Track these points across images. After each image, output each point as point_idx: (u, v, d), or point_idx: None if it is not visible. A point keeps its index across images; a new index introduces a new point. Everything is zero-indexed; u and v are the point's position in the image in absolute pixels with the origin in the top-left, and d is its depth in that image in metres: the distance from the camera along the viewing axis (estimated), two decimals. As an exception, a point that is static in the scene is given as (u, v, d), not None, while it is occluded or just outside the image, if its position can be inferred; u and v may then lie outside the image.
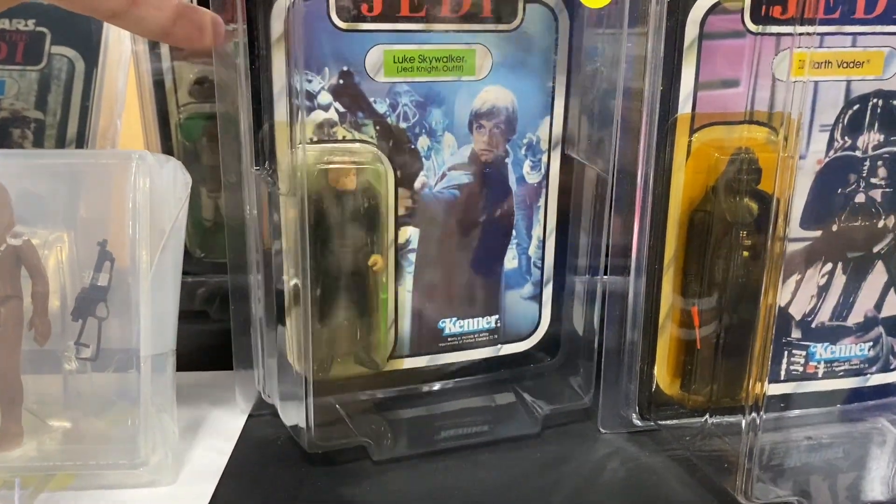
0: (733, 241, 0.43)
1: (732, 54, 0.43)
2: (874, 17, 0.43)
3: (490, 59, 0.44)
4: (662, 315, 0.46)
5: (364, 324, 0.46)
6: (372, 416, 0.48)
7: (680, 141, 0.44)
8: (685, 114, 0.43)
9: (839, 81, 0.44)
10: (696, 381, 0.46)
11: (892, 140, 0.46)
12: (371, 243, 0.45)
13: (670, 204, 0.45)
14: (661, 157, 0.44)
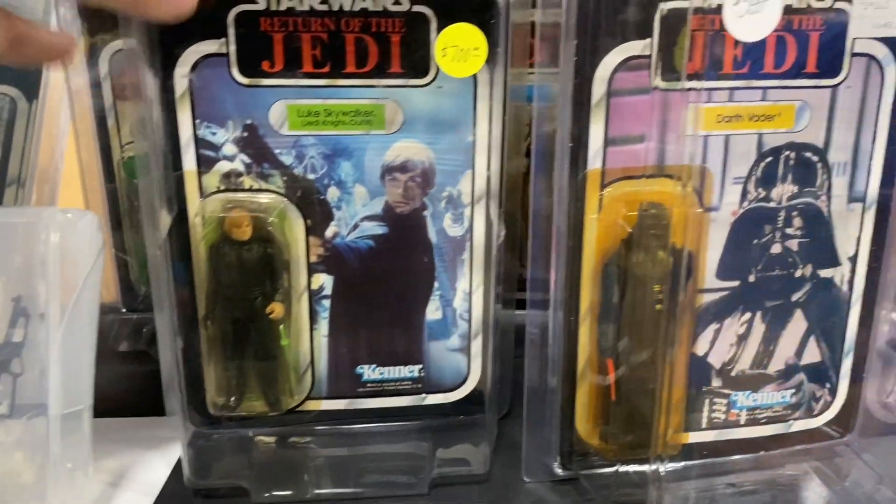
0: (645, 294, 0.43)
1: (641, 110, 0.43)
2: (783, 72, 0.43)
3: (401, 113, 0.44)
4: (581, 365, 0.47)
5: (266, 367, 0.46)
6: (271, 455, 0.48)
7: (591, 195, 0.44)
8: (595, 169, 0.44)
9: (750, 135, 0.45)
10: (614, 430, 0.47)
11: (806, 191, 0.46)
12: (270, 291, 0.45)
13: (584, 256, 0.46)
14: (573, 212, 0.44)
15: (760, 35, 0.39)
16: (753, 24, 0.38)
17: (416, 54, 0.43)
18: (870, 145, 0.47)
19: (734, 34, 0.38)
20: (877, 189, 0.48)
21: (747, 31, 0.38)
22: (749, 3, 0.36)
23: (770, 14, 0.37)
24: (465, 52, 0.41)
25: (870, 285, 0.50)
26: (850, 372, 0.52)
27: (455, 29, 0.40)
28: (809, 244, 0.48)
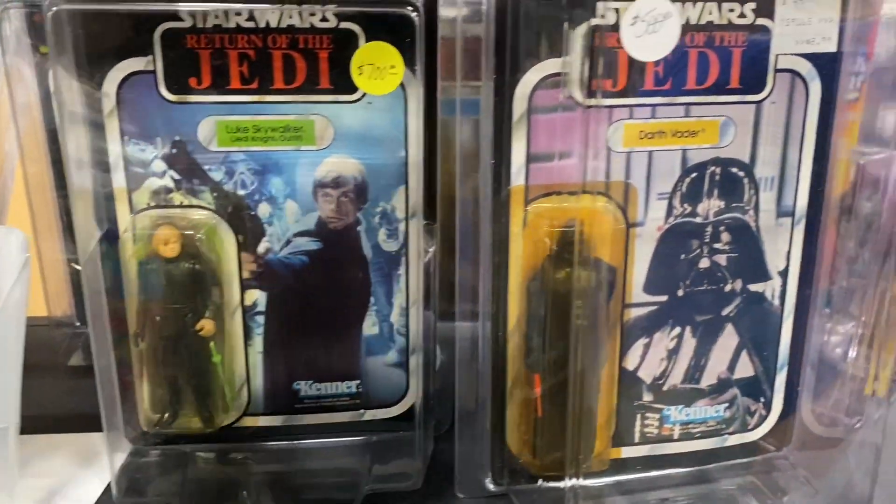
0: (566, 310, 0.44)
1: (564, 127, 0.43)
2: (706, 88, 0.44)
3: (332, 129, 0.45)
4: (510, 381, 0.47)
5: (199, 384, 0.47)
6: (207, 472, 0.48)
7: (515, 211, 0.45)
8: (519, 185, 0.44)
9: (674, 151, 0.45)
10: (541, 446, 0.47)
11: (733, 206, 0.47)
12: (200, 307, 0.45)
13: (510, 273, 0.46)
14: (497, 228, 0.44)
15: (659, 55, 0.40)
16: (652, 43, 0.38)
17: (345, 71, 0.43)
18: (797, 160, 0.48)
19: (633, 54, 0.39)
20: (805, 204, 0.49)
21: (646, 51, 0.39)
22: (647, 24, 0.37)
23: (669, 33, 0.38)
24: (382, 70, 0.41)
25: (801, 299, 0.50)
26: (784, 386, 0.52)
27: (370, 47, 0.41)
28: (738, 259, 0.48)
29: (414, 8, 0.41)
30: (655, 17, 0.37)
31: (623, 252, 0.47)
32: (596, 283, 0.45)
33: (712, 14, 0.44)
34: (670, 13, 0.37)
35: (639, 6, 0.37)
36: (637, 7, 0.37)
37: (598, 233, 0.45)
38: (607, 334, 0.46)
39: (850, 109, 0.50)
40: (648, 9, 0.37)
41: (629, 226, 0.47)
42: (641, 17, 0.37)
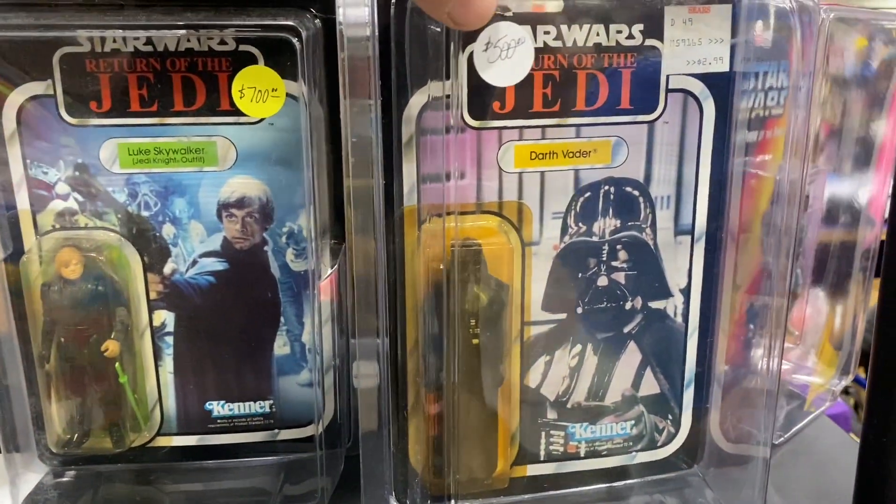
0: (461, 328, 0.45)
1: (454, 148, 0.44)
2: (595, 109, 0.45)
3: (234, 150, 0.46)
4: (411, 400, 0.48)
5: (107, 405, 0.48)
6: (120, 493, 0.49)
7: (409, 232, 0.46)
8: (411, 206, 0.46)
9: (566, 171, 0.46)
10: (439, 465, 0.47)
11: (630, 224, 0.48)
12: (105, 329, 0.46)
13: (407, 292, 0.47)
14: (391, 248, 0.46)
15: (514, 80, 0.41)
16: (506, 69, 0.40)
17: (245, 94, 0.45)
18: (693, 179, 0.49)
19: (487, 80, 0.40)
20: (705, 222, 0.50)
21: (500, 77, 0.40)
22: (500, 49, 0.38)
23: (522, 59, 0.39)
24: (263, 93, 0.43)
25: (706, 316, 0.51)
26: (692, 403, 0.53)
27: (251, 71, 0.43)
28: (638, 276, 0.50)
29: (296, 32, 0.42)
30: (508, 43, 0.39)
31: (520, 271, 0.48)
32: (489, 301, 0.45)
33: (600, 36, 0.45)
34: (523, 39, 0.39)
35: (490, 32, 0.38)
36: (489, 33, 0.38)
37: (491, 252, 0.46)
38: (505, 352, 0.47)
39: (775, 125, 0.51)
40: (501, 34, 0.38)
41: (525, 245, 0.48)
42: (493, 42, 0.39)
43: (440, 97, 0.44)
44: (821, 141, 0.57)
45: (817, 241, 0.57)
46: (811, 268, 0.57)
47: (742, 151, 0.49)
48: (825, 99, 0.55)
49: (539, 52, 0.45)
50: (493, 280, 0.46)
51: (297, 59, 0.43)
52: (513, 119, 0.46)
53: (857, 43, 0.53)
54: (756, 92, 0.48)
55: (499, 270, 0.47)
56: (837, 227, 0.58)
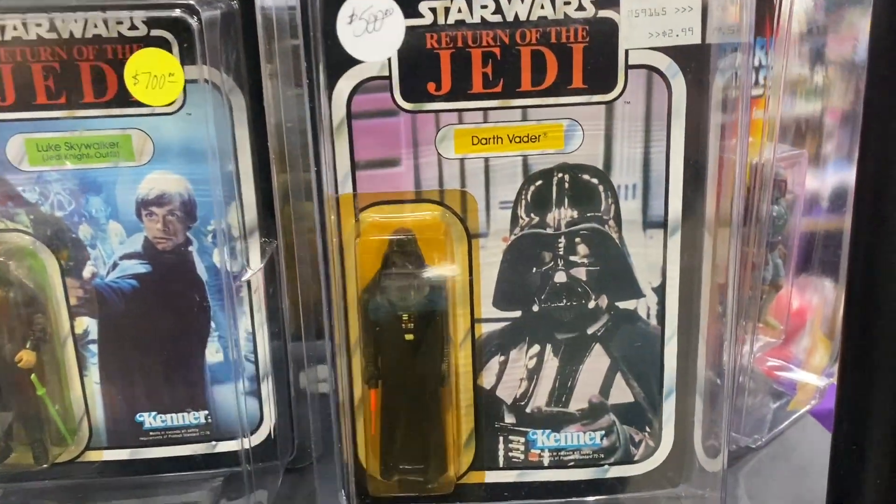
0: (394, 323, 0.45)
1: (388, 133, 0.44)
2: (543, 90, 0.45)
3: (150, 143, 0.47)
4: (357, 399, 0.49)
5: (26, 418, 0.49)
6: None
7: (346, 221, 0.47)
8: (346, 193, 0.46)
9: (514, 157, 0.46)
10: (387, 464, 0.48)
11: (588, 216, 0.48)
12: (18, 338, 0.47)
13: (348, 284, 0.48)
14: (330, 238, 0.47)
15: (385, 54, 0.41)
16: (374, 42, 0.40)
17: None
18: (663, 165, 0.48)
19: (354, 55, 0.40)
20: (679, 213, 0.49)
21: (369, 51, 0.40)
22: (366, 21, 0.38)
23: (392, 31, 0.39)
24: (160, 79, 0.43)
25: (685, 319, 0.50)
26: (674, 415, 0.52)
27: (144, 54, 0.43)
28: (601, 273, 0.49)
29: (191, 10, 0.42)
30: (375, 15, 0.39)
31: (465, 264, 0.48)
32: (424, 295, 0.45)
33: (545, 8, 0.45)
34: (391, 10, 0.39)
35: (355, 3, 0.38)
36: (353, 4, 0.38)
37: (431, 242, 0.47)
38: (445, 350, 0.47)
39: (753, 106, 0.50)
40: (366, 5, 0.38)
41: (471, 236, 0.48)
42: (359, 14, 0.39)
43: (372, 78, 0.45)
44: (829, 127, 0.57)
45: (803, 229, 0.57)
46: (795, 257, 0.57)
47: (718, 134, 0.48)
48: (832, 84, 0.55)
49: (476, 27, 0.45)
50: (428, 273, 0.47)
51: (195, 40, 0.43)
52: (450, 101, 0.46)
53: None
54: (732, 69, 0.47)
55: (437, 262, 0.47)
56: (841, 214, 0.57)
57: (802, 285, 0.58)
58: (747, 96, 0.46)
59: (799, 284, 0.58)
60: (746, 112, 0.47)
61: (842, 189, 0.58)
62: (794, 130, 0.57)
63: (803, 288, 0.59)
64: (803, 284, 0.58)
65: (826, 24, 0.55)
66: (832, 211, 0.58)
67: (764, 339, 0.58)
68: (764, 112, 0.52)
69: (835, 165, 0.58)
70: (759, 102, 0.52)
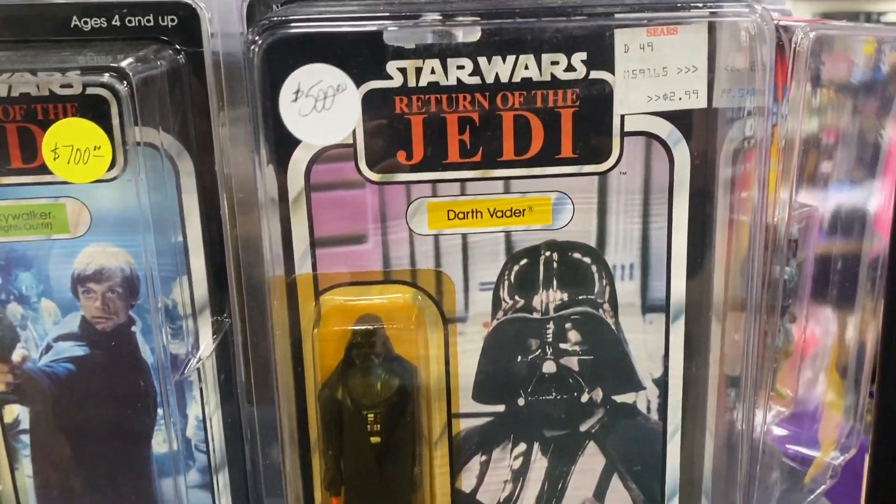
0: (358, 424, 0.43)
1: (353, 206, 0.42)
2: (528, 159, 0.43)
3: (87, 213, 0.44)
4: (318, 503, 0.46)
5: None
6: None
7: (305, 305, 0.44)
8: (305, 274, 0.44)
9: (495, 233, 0.44)
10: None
11: (580, 299, 0.46)
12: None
13: (306, 379, 0.45)
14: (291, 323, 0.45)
15: (337, 137, 0.38)
16: (325, 123, 0.37)
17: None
18: (664, 242, 0.46)
19: (301, 137, 0.37)
20: (683, 295, 0.47)
21: (318, 133, 0.37)
22: (314, 99, 0.35)
23: (345, 110, 0.36)
24: (84, 153, 0.40)
25: (690, 413, 0.48)
26: (678, 519, 0.49)
27: (66, 125, 0.40)
28: (595, 363, 0.47)
29: (121, 74, 0.39)
30: (324, 91, 0.36)
31: (441, 352, 0.46)
32: (392, 391, 0.43)
33: (529, 69, 0.43)
34: (344, 85, 0.36)
35: (300, 77, 0.35)
36: (297, 78, 0.35)
37: (402, 329, 0.44)
38: (417, 452, 0.45)
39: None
40: (314, 80, 0.35)
41: (447, 321, 0.46)
42: (305, 90, 0.36)
43: (334, 146, 0.42)
44: (827, 146, 0.56)
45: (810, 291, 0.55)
46: (803, 325, 0.55)
47: (726, 196, 0.46)
48: (829, 105, 0.55)
49: (452, 90, 0.42)
50: (397, 365, 0.44)
51: (123, 104, 0.40)
52: (423, 171, 0.43)
53: (866, 48, 0.53)
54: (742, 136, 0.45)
55: (408, 352, 0.45)
56: (842, 238, 0.57)
57: (811, 315, 0.57)
58: (765, 173, 0.43)
59: (808, 314, 0.56)
60: (764, 190, 0.45)
61: (847, 211, 0.57)
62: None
63: (811, 319, 0.57)
64: (811, 314, 0.57)
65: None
66: (835, 234, 0.57)
67: (774, 408, 0.56)
68: (778, 164, 0.49)
69: (836, 186, 0.57)
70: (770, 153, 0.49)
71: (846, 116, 0.56)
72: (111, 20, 0.44)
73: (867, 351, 0.57)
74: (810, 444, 0.58)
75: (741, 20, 0.42)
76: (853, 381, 0.59)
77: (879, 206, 0.56)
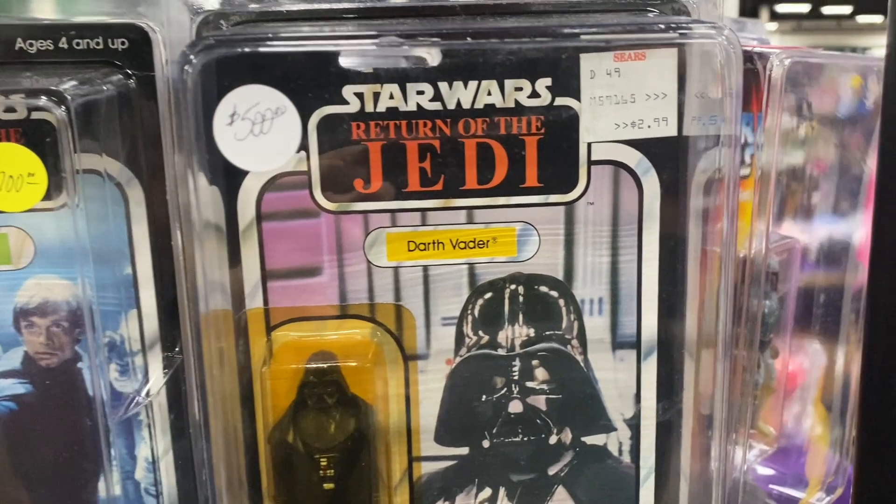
0: (309, 469, 0.42)
1: (307, 237, 0.41)
2: (492, 188, 0.42)
3: (31, 243, 0.43)
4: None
5: None
6: None
7: (255, 342, 0.43)
8: (256, 308, 0.43)
9: (458, 265, 0.44)
10: None
11: (547, 335, 0.45)
12: None
13: (257, 421, 0.44)
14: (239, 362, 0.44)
15: (274, 164, 0.38)
16: (262, 148, 0.36)
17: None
18: (634, 276, 0.46)
19: (238, 163, 0.37)
20: (655, 330, 0.46)
21: (254, 159, 0.36)
22: (251, 122, 0.35)
23: (285, 135, 0.36)
24: (17, 180, 0.40)
25: (664, 456, 0.48)
26: (652, 567, 0.48)
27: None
28: (564, 402, 0.46)
29: (59, 98, 0.39)
30: (262, 114, 0.35)
31: (402, 392, 0.45)
32: (347, 433, 0.42)
33: (492, 95, 0.42)
34: (283, 108, 0.35)
35: (235, 99, 0.34)
36: (233, 100, 0.35)
37: (359, 367, 0.44)
38: (374, 498, 0.44)
39: (742, 188, 0.48)
40: (251, 102, 0.35)
41: (408, 358, 0.45)
42: (241, 113, 0.35)
43: (287, 174, 0.42)
44: (814, 179, 0.58)
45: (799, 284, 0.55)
46: (787, 359, 0.56)
47: (698, 227, 0.45)
48: (816, 137, 0.56)
49: (412, 116, 0.42)
50: (353, 405, 0.44)
51: (60, 129, 0.39)
52: (382, 200, 0.43)
53: (853, 81, 0.55)
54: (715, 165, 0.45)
55: (365, 391, 0.44)
56: (828, 269, 0.58)
57: (795, 348, 0.57)
58: (734, 204, 0.43)
59: (792, 346, 0.57)
60: (733, 222, 0.44)
61: (832, 243, 0.58)
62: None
63: (796, 351, 0.58)
64: (796, 347, 0.57)
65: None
66: (823, 265, 0.58)
67: (757, 446, 0.56)
68: (754, 194, 0.50)
69: (821, 219, 0.59)
70: (747, 183, 0.50)
71: (832, 149, 0.57)
72: (58, 42, 0.43)
73: (852, 383, 0.57)
74: (796, 483, 0.58)
75: (706, 41, 0.41)
76: (839, 413, 0.59)
77: (863, 238, 0.56)
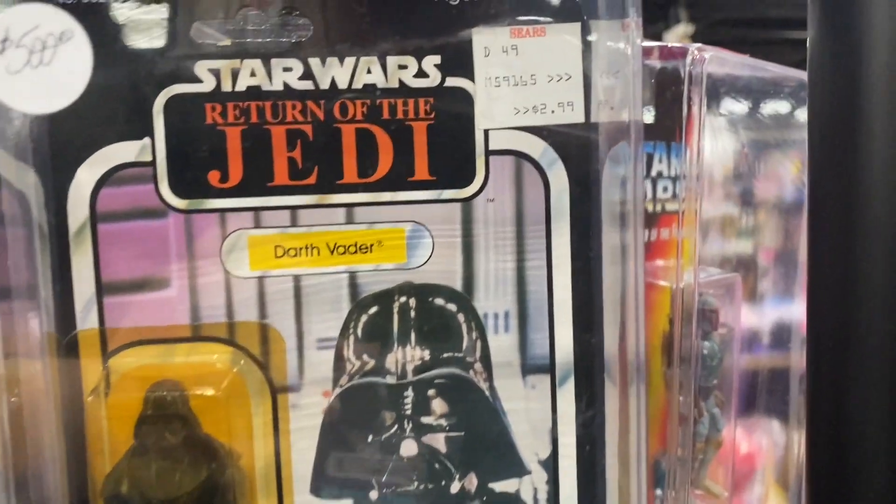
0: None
1: (151, 241, 0.38)
2: (375, 182, 0.41)
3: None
4: None
5: None
6: None
7: (89, 369, 0.40)
8: (90, 329, 0.40)
9: (336, 274, 0.41)
10: None
11: (445, 357, 0.43)
12: None
13: (92, 469, 0.41)
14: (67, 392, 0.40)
15: (59, 102, 0.34)
16: (42, 82, 0.32)
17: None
18: (544, 285, 0.43)
19: (10, 102, 0.33)
20: (570, 351, 0.44)
21: (34, 96, 0.32)
22: (28, 50, 0.31)
23: (70, 66, 0.32)
24: None
25: (586, 498, 0.45)
26: None
27: None
28: (467, 441, 0.43)
29: None
30: (42, 40, 0.31)
31: (269, 432, 0.42)
32: (203, 481, 0.40)
33: (373, 73, 0.40)
34: (70, 32, 0.31)
35: (8, 21, 0.30)
36: (5, 23, 0.30)
37: (213, 400, 0.40)
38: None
39: (672, 223, 0.49)
40: (29, 26, 0.31)
41: (276, 390, 0.42)
42: (16, 39, 0.31)
43: (126, 165, 0.39)
44: (764, 267, 0.60)
45: (744, 366, 0.57)
46: (736, 400, 0.56)
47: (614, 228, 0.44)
48: (764, 224, 0.59)
49: (278, 97, 0.39)
50: (205, 448, 0.40)
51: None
52: (242, 197, 0.40)
53: (793, 169, 0.57)
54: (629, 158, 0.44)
55: (221, 430, 0.40)
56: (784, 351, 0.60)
57: (749, 427, 0.58)
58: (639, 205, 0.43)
59: (745, 426, 0.58)
60: (639, 218, 0.43)
61: (783, 325, 0.59)
62: (728, 267, 0.59)
63: (750, 430, 0.59)
64: (750, 426, 0.58)
65: (753, 167, 0.59)
66: (775, 347, 0.59)
67: None
68: (678, 229, 0.50)
69: (772, 301, 0.60)
70: (677, 218, 0.51)
71: (780, 236, 0.60)
72: None
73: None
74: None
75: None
76: (795, 493, 0.60)
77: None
